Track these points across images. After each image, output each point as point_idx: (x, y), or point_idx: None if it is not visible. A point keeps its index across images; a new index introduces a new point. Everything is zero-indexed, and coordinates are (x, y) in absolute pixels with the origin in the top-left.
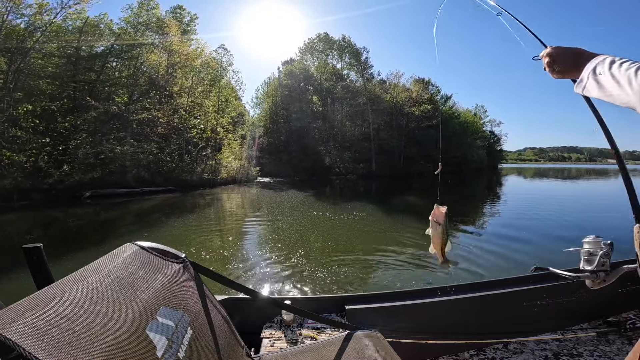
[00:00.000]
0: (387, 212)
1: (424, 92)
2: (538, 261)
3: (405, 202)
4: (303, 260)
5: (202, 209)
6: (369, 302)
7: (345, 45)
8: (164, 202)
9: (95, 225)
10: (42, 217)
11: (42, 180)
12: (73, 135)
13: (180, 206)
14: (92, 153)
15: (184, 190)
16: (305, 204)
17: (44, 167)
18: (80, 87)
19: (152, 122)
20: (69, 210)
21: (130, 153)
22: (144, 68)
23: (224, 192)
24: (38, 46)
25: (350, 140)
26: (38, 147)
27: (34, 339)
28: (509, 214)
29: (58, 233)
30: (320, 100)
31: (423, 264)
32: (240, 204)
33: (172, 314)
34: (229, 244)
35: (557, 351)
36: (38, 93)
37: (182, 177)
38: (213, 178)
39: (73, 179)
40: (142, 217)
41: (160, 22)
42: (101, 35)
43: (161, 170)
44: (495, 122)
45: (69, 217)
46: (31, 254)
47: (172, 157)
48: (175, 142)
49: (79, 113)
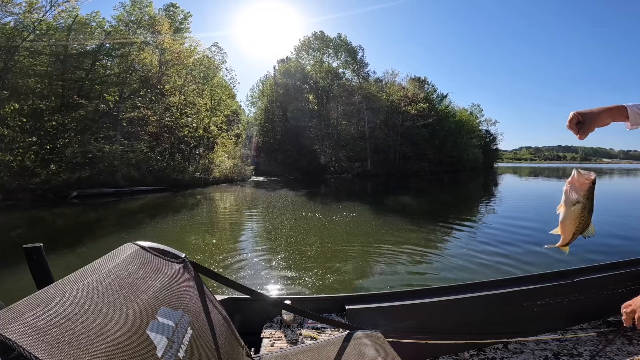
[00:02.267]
0: (380, 213)
1: (420, 90)
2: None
3: (401, 202)
4: (283, 263)
5: (188, 209)
6: (369, 302)
7: (341, 43)
8: (151, 202)
9: (75, 225)
10: (27, 217)
11: (29, 179)
12: (61, 134)
13: (167, 206)
14: (80, 152)
15: (175, 190)
16: (295, 204)
17: (30, 167)
18: (69, 85)
19: (143, 120)
20: (55, 210)
21: (120, 152)
22: (135, 66)
23: (215, 192)
24: (27, 44)
25: (346, 139)
26: (25, 146)
27: (34, 338)
28: (508, 212)
29: (42, 233)
30: (316, 99)
31: (422, 263)
32: (228, 203)
33: (172, 313)
34: (210, 244)
35: (557, 351)
36: (27, 91)
37: (173, 177)
38: (205, 177)
39: (60, 178)
40: (125, 217)
41: (152, 20)
42: (92, 34)
43: (151, 170)
44: (491, 121)
45: (52, 217)
46: (32, 253)
47: (163, 156)
48: (167, 141)
49: (67, 111)
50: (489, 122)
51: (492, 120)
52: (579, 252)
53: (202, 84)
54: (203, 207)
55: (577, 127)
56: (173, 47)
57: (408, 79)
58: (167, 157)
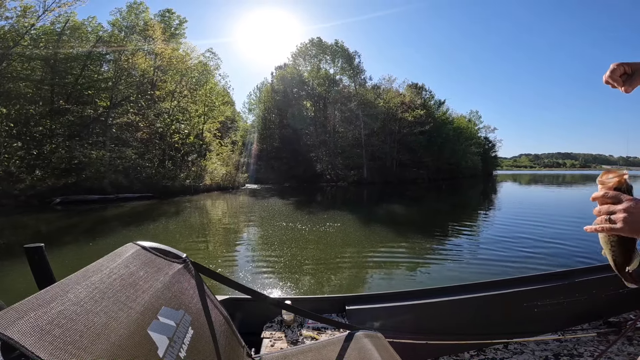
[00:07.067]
0: (371, 222)
1: (417, 97)
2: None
3: (396, 211)
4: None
5: (168, 218)
6: (370, 302)
7: (338, 49)
8: (133, 210)
9: (47, 232)
10: (9, 222)
11: (13, 185)
12: (48, 139)
13: (148, 214)
14: (66, 158)
15: (162, 197)
16: (283, 214)
17: (15, 172)
18: (58, 90)
19: (132, 126)
20: (36, 216)
21: (107, 158)
22: (127, 72)
23: (205, 200)
24: (18, 50)
25: (342, 146)
26: (11, 152)
27: (36, 338)
28: (507, 218)
29: (11, 240)
30: (313, 105)
31: (417, 272)
32: (212, 211)
33: (173, 313)
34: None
35: (557, 352)
36: (17, 96)
37: (162, 184)
38: (195, 185)
39: (46, 184)
40: (101, 224)
41: (146, 26)
42: (86, 39)
43: (140, 177)
44: (490, 128)
45: (27, 224)
46: (33, 253)
47: (152, 163)
48: (158, 147)
49: (55, 117)
50: (488, 129)
51: (491, 127)
52: (579, 254)
53: (194, 89)
54: (185, 215)
55: (623, 79)
56: (165, 53)
57: (405, 86)
58: (156, 164)
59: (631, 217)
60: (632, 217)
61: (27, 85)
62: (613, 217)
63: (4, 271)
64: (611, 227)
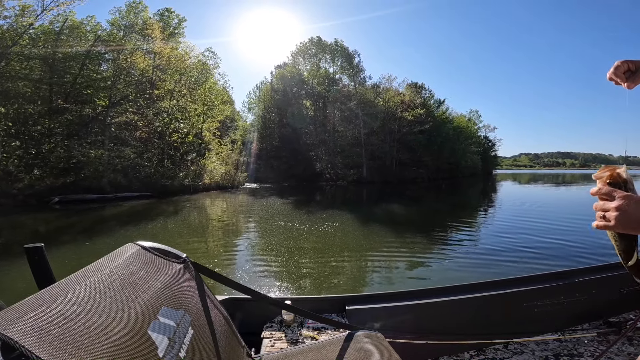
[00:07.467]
0: (370, 223)
1: (417, 96)
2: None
3: (397, 212)
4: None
5: (166, 217)
6: (370, 302)
7: (337, 48)
8: (130, 210)
9: (45, 232)
10: (7, 222)
11: (12, 185)
12: (47, 138)
13: (146, 213)
14: (65, 157)
15: (161, 197)
16: (282, 213)
17: (13, 172)
18: (57, 89)
19: (131, 125)
20: (33, 216)
21: (106, 157)
22: (126, 71)
23: (204, 199)
24: (17, 49)
25: (342, 145)
26: (9, 151)
27: (36, 338)
28: (507, 218)
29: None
30: (313, 104)
31: (415, 272)
32: (211, 211)
33: (173, 313)
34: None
35: (557, 352)
36: (16, 95)
37: (161, 183)
38: (194, 184)
39: (44, 183)
40: (99, 223)
41: (144, 25)
42: (85, 38)
43: (139, 176)
44: (489, 127)
45: (25, 223)
46: (33, 253)
47: (151, 162)
48: (156, 146)
49: (54, 116)
50: (488, 128)
51: (491, 127)
52: (578, 254)
53: (193, 88)
54: (184, 214)
55: (626, 76)
56: (164, 52)
57: (405, 85)
58: (155, 163)
59: (622, 215)
60: (623, 214)
61: (25, 84)
62: (606, 214)
63: (3, 271)
64: (605, 224)
